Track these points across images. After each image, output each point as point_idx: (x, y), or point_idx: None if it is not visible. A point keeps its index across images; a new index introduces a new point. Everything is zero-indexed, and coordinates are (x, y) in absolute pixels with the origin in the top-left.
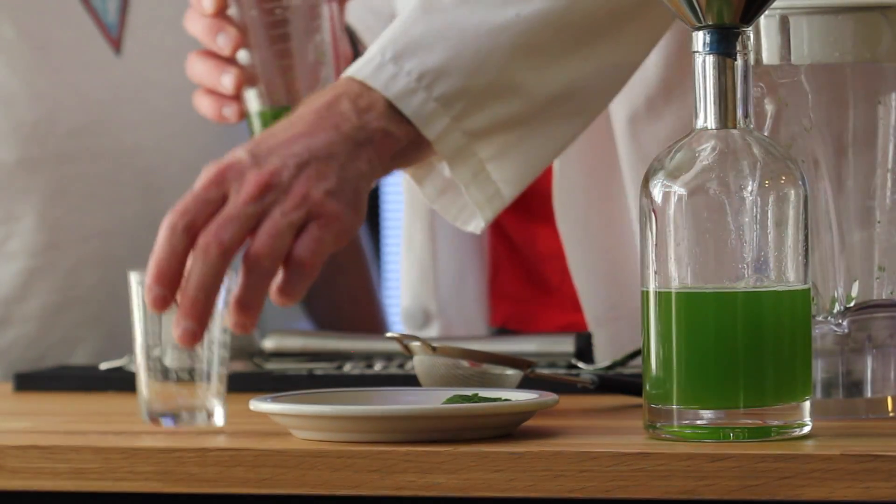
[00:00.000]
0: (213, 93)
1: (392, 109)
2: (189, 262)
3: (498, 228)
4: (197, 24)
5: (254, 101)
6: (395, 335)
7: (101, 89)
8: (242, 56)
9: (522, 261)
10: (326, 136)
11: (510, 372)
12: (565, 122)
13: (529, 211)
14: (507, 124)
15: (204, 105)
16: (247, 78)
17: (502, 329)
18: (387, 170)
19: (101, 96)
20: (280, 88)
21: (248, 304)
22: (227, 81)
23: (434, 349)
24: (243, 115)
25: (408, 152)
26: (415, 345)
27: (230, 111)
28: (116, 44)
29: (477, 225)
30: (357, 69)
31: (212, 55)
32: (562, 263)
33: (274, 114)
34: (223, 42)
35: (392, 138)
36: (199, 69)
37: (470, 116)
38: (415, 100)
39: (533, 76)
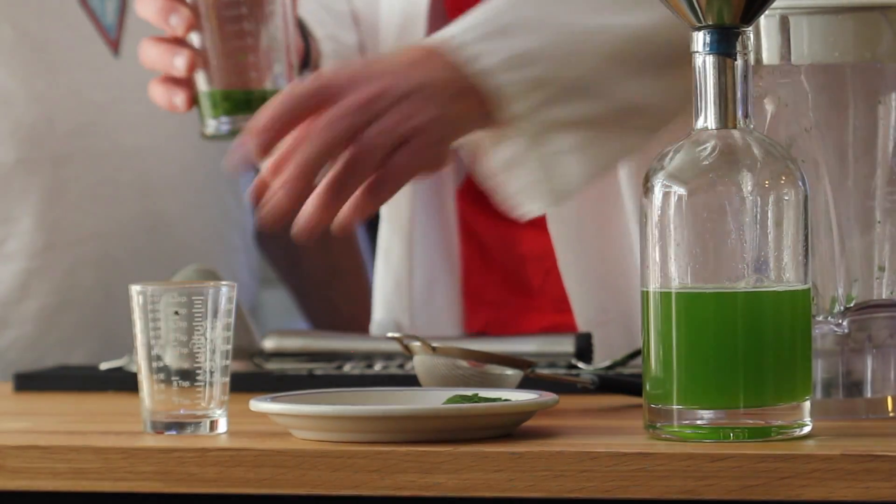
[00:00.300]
0: (166, 81)
1: (481, 87)
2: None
3: (469, 234)
4: (149, 7)
5: (204, 82)
6: (396, 335)
7: (99, 90)
8: (195, 39)
9: (499, 264)
10: (426, 76)
11: (510, 372)
12: (633, 133)
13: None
14: (581, 123)
15: (157, 93)
16: (199, 61)
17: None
18: (471, 127)
19: (100, 97)
20: (231, 71)
21: (336, 194)
22: (179, 63)
23: (434, 349)
24: (193, 102)
25: (485, 121)
26: (415, 345)
27: (180, 99)
28: (115, 45)
29: (530, 210)
30: (440, 41)
31: (164, 40)
32: (545, 265)
33: (224, 94)
34: (175, 22)
35: (477, 100)
36: (151, 54)
37: (549, 107)
38: (499, 79)
39: (617, 84)
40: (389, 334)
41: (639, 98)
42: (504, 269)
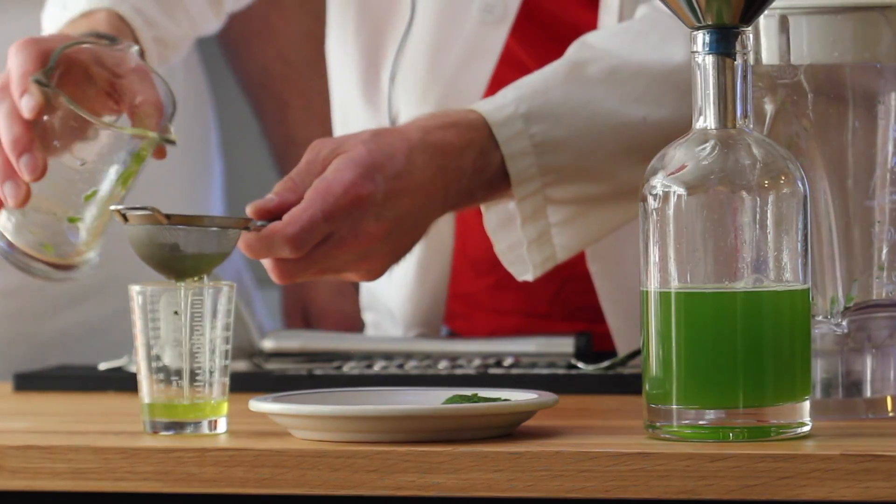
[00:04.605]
0: None
1: (502, 166)
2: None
3: (462, 239)
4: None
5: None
6: (118, 208)
7: None
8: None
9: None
10: (432, 203)
11: (230, 231)
12: (632, 206)
13: None
14: (584, 200)
15: None
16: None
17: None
18: (467, 205)
19: None
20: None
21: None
22: (7, 192)
23: (168, 218)
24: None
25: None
26: (135, 214)
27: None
28: None
29: (519, 273)
30: (490, 110)
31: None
32: (562, 274)
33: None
34: (24, 167)
35: (477, 202)
36: None
37: (557, 186)
38: (523, 162)
39: (625, 170)
40: (112, 207)
41: (638, 180)
42: (506, 276)
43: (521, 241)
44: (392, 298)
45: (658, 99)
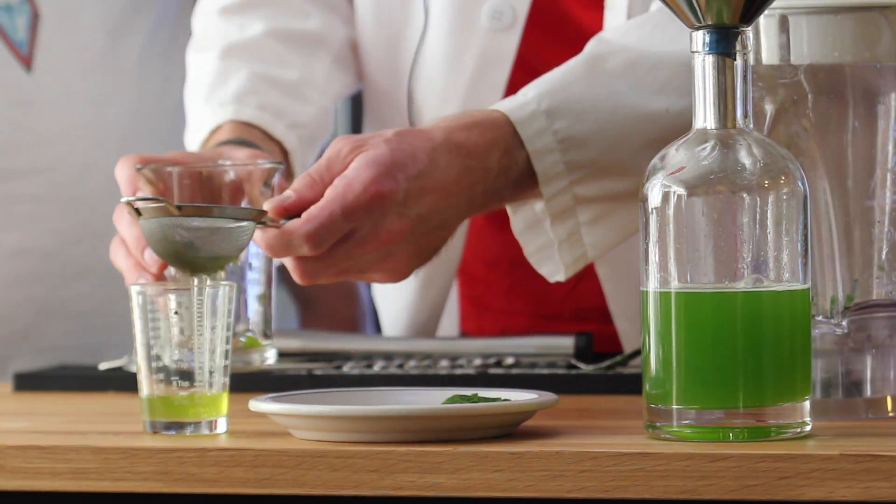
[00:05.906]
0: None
1: (528, 165)
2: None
3: (476, 240)
4: (119, 261)
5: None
6: (129, 199)
7: (12, 108)
8: None
9: (510, 271)
10: (457, 203)
11: (244, 224)
12: None
13: None
14: (612, 197)
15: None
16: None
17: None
18: (494, 206)
19: (14, 115)
20: None
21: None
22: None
23: (179, 209)
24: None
25: (514, 194)
26: (148, 206)
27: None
28: (27, 61)
29: (552, 274)
30: (512, 108)
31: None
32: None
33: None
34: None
35: (504, 202)
36: (120, 258)
37: (585, 184)
38: (549, 159)
39: (647, 163)
40: (123, 199)
41: None
42: (520, 278)
43: (550, 242)
44: (388, 308)
45: (679, 89)
